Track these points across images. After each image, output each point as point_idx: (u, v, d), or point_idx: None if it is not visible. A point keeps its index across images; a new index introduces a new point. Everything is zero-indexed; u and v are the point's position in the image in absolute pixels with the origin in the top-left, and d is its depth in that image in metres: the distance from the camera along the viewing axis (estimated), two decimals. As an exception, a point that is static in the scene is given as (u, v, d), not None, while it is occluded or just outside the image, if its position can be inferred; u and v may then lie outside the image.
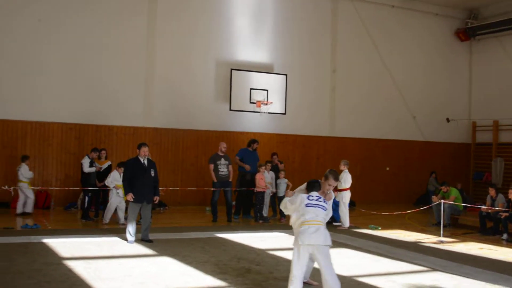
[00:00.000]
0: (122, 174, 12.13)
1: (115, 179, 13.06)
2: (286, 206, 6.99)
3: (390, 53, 21.39)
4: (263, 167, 14.58)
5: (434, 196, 15.09)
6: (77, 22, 16.61)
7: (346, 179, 13.69)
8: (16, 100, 15.86)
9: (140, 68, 17.41)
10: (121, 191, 12.70)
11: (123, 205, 13.06)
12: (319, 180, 7.17)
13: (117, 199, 13.04)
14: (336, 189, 13.87)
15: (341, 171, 13.73)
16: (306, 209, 6.68)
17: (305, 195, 6.84)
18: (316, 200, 6.78)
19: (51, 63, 16.29)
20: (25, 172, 14.31)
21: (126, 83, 17.16)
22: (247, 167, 14.98)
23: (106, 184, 13.34)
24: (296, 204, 6.80)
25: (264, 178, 14.41)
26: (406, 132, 21.74)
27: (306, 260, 6.60)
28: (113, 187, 13.02)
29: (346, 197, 13.64)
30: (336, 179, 7.21)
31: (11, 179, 15.03)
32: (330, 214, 7.14)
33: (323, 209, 6.75)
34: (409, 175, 21.45)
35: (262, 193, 14.38)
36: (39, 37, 16.19)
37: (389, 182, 21.07)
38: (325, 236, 6.56)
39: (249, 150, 15.38)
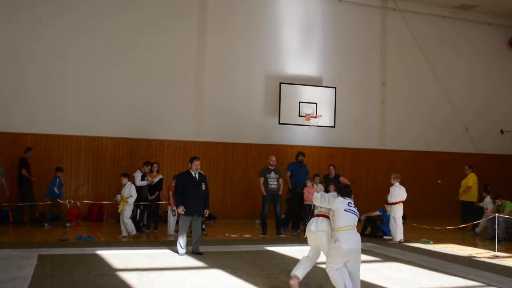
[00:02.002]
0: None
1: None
2: (318, 198, 7.53)
3: (440, 64, 21.09)
4: (310, 180, 14.51)
5: (488, 210, 14.74)
6: (131, 43, 17.07)
7: (393, 193, 13.53)
8: (70, 115, 16.37)
9: (190, 83, 17.69)
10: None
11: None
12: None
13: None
14: (387, 203, 13.79)
15: (392, 184, 13.63)
16: (345, 214, 7.18)
17: (345, 200, 7.32)
18: (354, 207, 7.33)
19: (105, 81, 16.75)
20: None
21: (177, 98, 17.46)
22: (290, 185, 15.16)
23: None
24: (331, 205, 7.33)
25: (312, 191, 14.34)
26: (459, 144, 21.33)
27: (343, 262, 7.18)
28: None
29: (395, 211, 13.43)
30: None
31: (67, 192, 15.48)
32: None
33: (357, 216, 7.32)
34: (462, 188, 20.97)
35: (310, 205, 14.32)
36: (96, 57, 16.68)
37: (441, 195, 20.66)
38: (360, 239, 7.26)
39: (297, 163, 15.41)
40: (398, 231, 13.35)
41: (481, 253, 11.97)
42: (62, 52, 16.42)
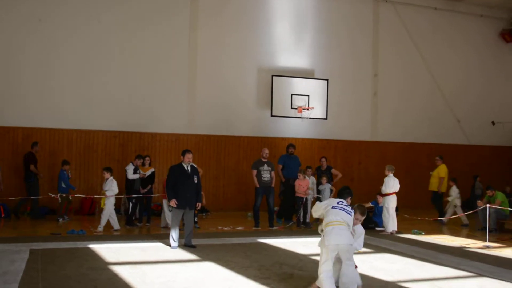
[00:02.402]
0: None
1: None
2: (316, 209, 7.40)
3: (433, 56, 21.13)
4: (301, 173, 14.52)
5: (479, 201, 14.81)
6: (124, 37, 17.07)
7: (387, 183, 13.58)
8: (61, 108, 16.30)
9: (182, 76, 17.65)
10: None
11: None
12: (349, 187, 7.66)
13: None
14: (381, 194, 13.83)
15: (386, 175, 13.68)
16: (331, 211, 7.05)
17: (335, 199, 7.28)
18: (344, 205, 7.15)
19: (96, 74, 16.69)
20: None
21: (169, 91, 17.42)
22: (282, 178, 15.14)
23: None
24: (324, 207, 7.23)
25: (304, 184, 14.37)
26: (450, 136, 21.40)
27: (333, 259, 6.93)
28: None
29: (389, 201, 13.49)
30: (363, 213, 7.53)
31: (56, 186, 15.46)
32: (360, 245, 7.47)
33: (348, 213, 7.08)
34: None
35: (302, 198, 14.35)
36: (88, 51, 16.63)
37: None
38: (348, 236, 6.93)
39: (288, 155, 15.42)
40: (390, 222, 13.40)
41: (472, 244, 12.03)
42: (54, 46, 16.33)
